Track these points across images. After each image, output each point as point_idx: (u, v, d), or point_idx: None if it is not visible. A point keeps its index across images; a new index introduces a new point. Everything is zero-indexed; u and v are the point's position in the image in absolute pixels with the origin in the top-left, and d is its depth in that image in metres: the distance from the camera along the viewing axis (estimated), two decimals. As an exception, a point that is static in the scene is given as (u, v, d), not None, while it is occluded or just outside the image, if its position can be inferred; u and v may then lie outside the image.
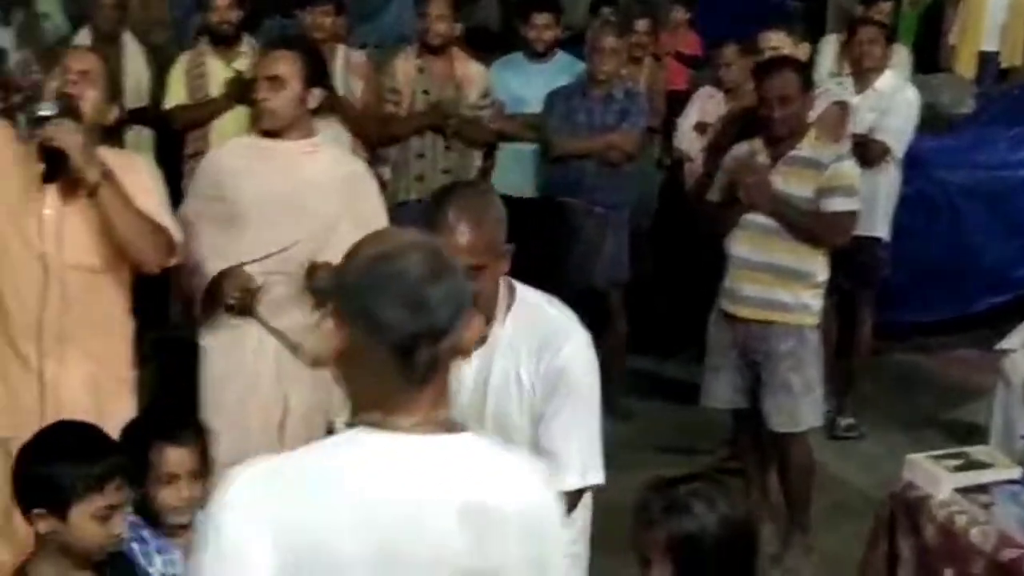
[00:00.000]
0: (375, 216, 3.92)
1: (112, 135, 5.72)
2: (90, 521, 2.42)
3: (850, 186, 4.51)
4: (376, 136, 5.82)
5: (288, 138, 3.93)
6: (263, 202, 3.87)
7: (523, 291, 2.81)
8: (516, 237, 6.05)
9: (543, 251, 5.88)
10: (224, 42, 5.70)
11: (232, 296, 3.85)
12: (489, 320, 2.71)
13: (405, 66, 5.94)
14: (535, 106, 6.01)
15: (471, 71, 5.99)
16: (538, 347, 2.74)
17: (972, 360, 6.16)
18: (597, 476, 2.84)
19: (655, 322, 6.25)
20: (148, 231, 3.40)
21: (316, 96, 4.00)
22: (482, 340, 2.68)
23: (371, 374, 1.75)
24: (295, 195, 3.87)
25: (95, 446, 2.54)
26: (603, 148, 5.77)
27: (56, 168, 3.28)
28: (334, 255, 3.70)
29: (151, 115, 5.89)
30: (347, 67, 5.75)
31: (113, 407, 3.43)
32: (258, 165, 3.93)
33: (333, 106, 5.19)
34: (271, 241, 3.86)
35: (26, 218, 3.39)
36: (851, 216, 4.57)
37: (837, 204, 4.45)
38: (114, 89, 5.78)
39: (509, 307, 2.76)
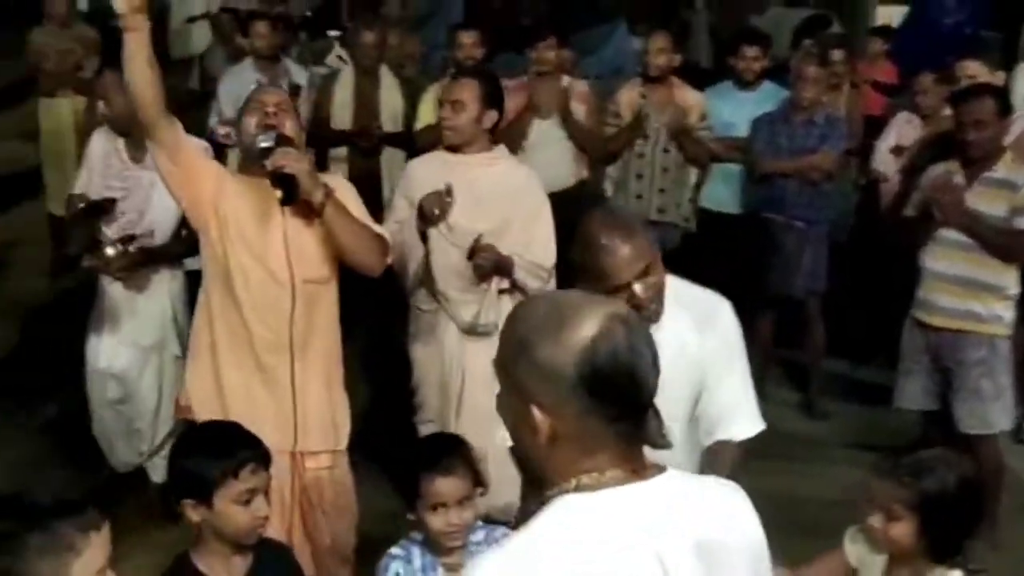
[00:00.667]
0: (535, 216, 4.16)
1: (369, 155, 5.97)
2: (232, 506, 2.43)
3: None
4: (597, 154, 5.91)
5: (468, 152, 4.10)
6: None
7: (670, 278, 2.84)
8: (723, 249, 6.06)
9: (747, 262, 5.86)
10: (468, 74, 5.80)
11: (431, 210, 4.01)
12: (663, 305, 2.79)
13: (629, 94, 5.99)
14: (743, 130, 5.94)
15: (689, 98, 5.97)
16: (698, 323, 2.82)
17: None
18: (762, 423, 2.99)
19: (851, 329, 6.07)
20: (368, 238, 3.45)
21: (491, 117, 4.12)
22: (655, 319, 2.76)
23: (584, 449, 1.59)
24: (472, 198, 4.02)
25: (230, 439, 2.54)
26: (805, 168, 5.65)
27: (290, 192, 3.24)
28: (505, 245, 3.98)
29: (403, 137, 6.06)
30: (572, 95, 5.81)
31: (338, 397, 3.61)
32: (443, 174, 4.09)
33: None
34: (459, 235, 4.04)
35: (265, 245, 3.38)
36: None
37: None
38: (372, 115, 6.05)
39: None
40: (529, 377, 1.58)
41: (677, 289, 2.85)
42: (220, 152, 5.03)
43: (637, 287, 2.62)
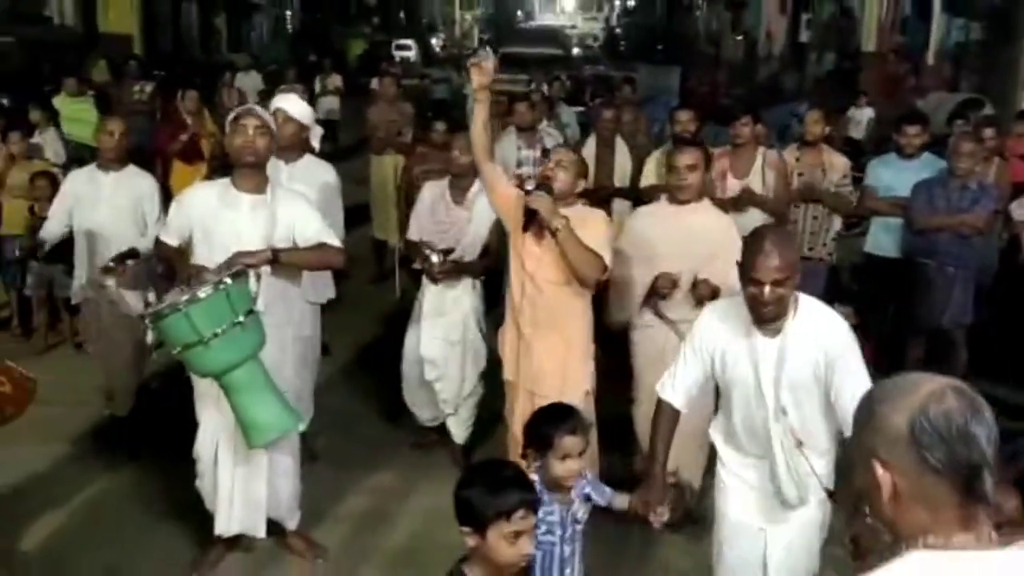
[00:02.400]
0: (734, 251, 3.89)
1: (602, 203, 5.95)
2: (502, 541, 2.19)
3: None
4: (781, 207, 5.64)
5: (687, 203, 4.06)
6: (665, 244, 4.03)
7: (800, 295, 2.84)
8: (884, 287, 5.70)
9: (903, 298, 5.50)
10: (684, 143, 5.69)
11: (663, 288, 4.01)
12: (785, 315, 2.78)
13: (789, 157, 5.76)
14: (902, 192, 5.54)
15: (835, 160, 5.74)
16: (826, 332, 2.80)
17: None
18: None
19: (991, 354, 5.56)
20: (588, 259, 3.62)
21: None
22: (777, 330, 2.78)
23: (927, 508, 1.41)
24: (684, 240, 3.98)
25: (509, 483, 2.27)
26: (958, 224, 5.23)
27: (530, 220, 3.59)
28: (711, 274, 3.90)
29: (631, 192, 5.99)
30: (764, 162, 5.60)
31: (574, 368, 3.82)
32: (662, 220, 4.11)
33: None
34: (672, 269, 4.00)
35: (521, 250, 3.74)
36: None
37: None
38: (607, 174, 6.02)
39: (796, 307, 2.80)
40: (873, 437, 1.46)
41: (811, 306, 2.85)
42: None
43: (767, 288, 2.68)
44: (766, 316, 2.77)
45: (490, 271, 4.69)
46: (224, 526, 3.74)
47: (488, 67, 3.63)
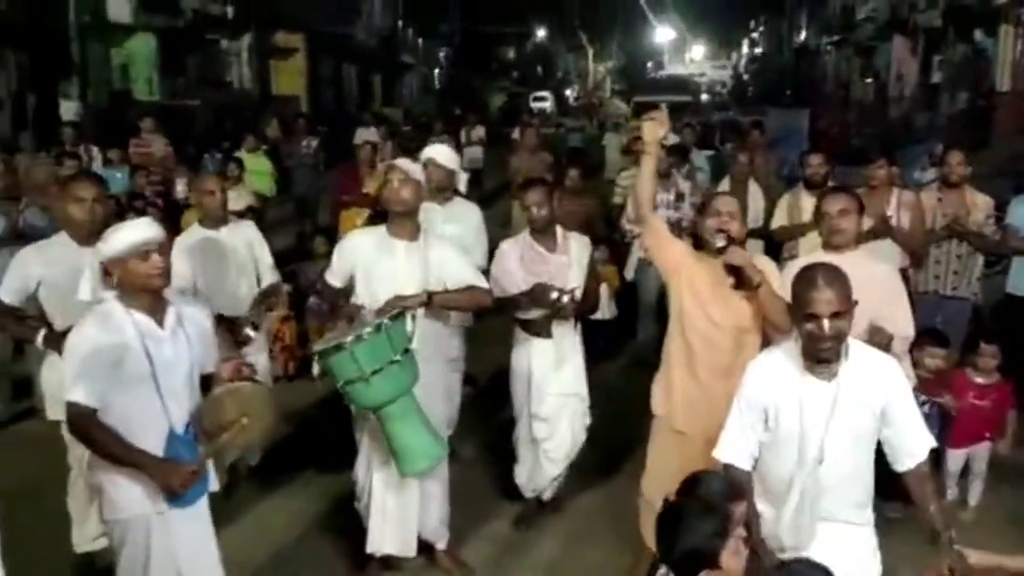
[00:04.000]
0: (897, 297, 3.71)
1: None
2: (733, 558, 2.13)
3: None
4: (916, 248, 5.39)
5: (844, 251, 3.61)
6: None
7: (851, 340, 2.73)
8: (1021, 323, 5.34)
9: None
10: (815, 187, 5.53)
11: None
12: (840, 356, 2.66)
13: (928, 197, 5.49)
14: (1046, 231, 5.21)
15: (978, 200, 5.41)
16: (878, 373, 2.70)
17: None
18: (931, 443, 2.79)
19: None
20: (783, 308, 3.22)
21: (866, 222, 3.94)
22: (832, 374, 2.66)
23: None
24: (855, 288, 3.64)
25: (702, 509, 2.17)
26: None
27: (739, 279, 3.37)
28: (881, 322, 3.59)
29: (763, 233, 5.87)
30: (899, 203, 5.38)
31: None
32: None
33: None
34: None
35: (713, 304, 3.45)
36: None
37: None
38: (743, 215, 5.91)
39: (847, 351, 2.69)
40: None
41: (859, 345, 2.76)
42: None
43: (825, 322, 2.56)
44: (824, 354, 2.62)
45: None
46: (376, 545, 3.84)
47: (665, 120, 3.53)
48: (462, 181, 4.85)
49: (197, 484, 2.95)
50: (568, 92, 42.24)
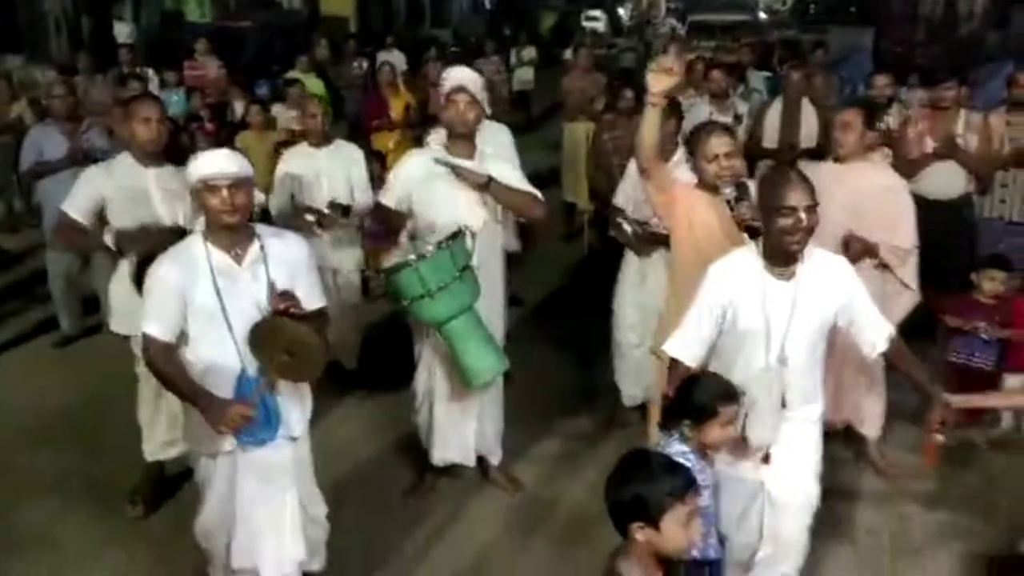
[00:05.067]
0: (899, 210, 3.92)
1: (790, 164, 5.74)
2: (677, 527, 2.05)
3: None
4: (984, 172, 5.24)
5: (851, 163, 3.91)
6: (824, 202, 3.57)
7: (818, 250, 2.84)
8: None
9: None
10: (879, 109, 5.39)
11: None
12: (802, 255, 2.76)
13: (997, 120, 5.31)
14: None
15: None
16: (833, 275, 2.82)
17: None
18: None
19: None
20: None
21: (870, 136, 4.01)
22: (792, 274, 2.76)
23: None
24: (844, 197, 3.76)
25: (669, 465, 2.15)
26: None
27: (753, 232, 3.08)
28: (874, 232, 3.75)
29: (817, 152, 5.74)
30: (967, 125, 5.21)
31: None
32: (828, 181, 3.55)
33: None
34: (830, 227, 3.57)
35: (729, 240, 3.24)
36: None
37: None
38: (794, 135, 5.81)
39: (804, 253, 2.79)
40: None
41: (818, 254, 2.83)
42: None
43: (802, 215, 2.64)
44: (795, 247, 2.71)
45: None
46: (440, 456, 3.99)
47: (677, 69, 3.28)
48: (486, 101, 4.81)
49: (262, 426, 2.89)
50: (621, 11, 41.08)
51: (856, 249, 3.79)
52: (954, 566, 3.64)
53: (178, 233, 3.35)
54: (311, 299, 2.97)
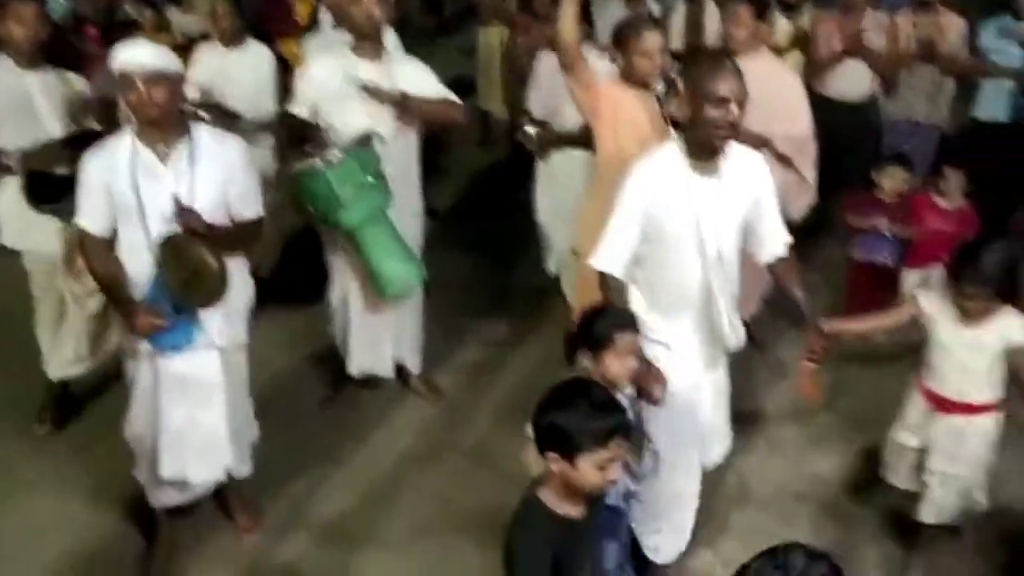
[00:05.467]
0: (794, 97, 4.01)
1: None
2: (593, 469, 1.92)
3: None
4: (889, 73, 5.33)
5: (743, 56, 3.65)
6: None
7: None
8: (992, 151, 5.45)
9: (1011, 163, 5.20)
10: (789, 8, 5.41)
11: None
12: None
13: (904, 21, 5.30)
14: (1014, 56, 5.16)
15: (951, 22, 5.28)
16: (755, 172, 2.76)
17: None
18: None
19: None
20: None
21: (762, 30, 4.11)
22: (715, 169, 2.66)
23: None
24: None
25: (606, 404, 1.99)
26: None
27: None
28: (765, 121, 3.63)
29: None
30: (873, 26, 5.26)
31: None
32: None
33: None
34: None
35: (654, 138, 3.18)
36: None
37: None
38: (699, 35, 5.77)
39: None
40: None
41: (735, 148, 2.73)
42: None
43: (732, 107, 2.53)
44: (722, 141, 2.59)
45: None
46: (356, 366, 3.97)
47: None
48: None
49: (176, 332, 2.85)
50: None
51: (750, 143, 3.74)
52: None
53: (71, 142, 3.20)
54: (244, 206, 2.91)
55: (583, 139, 4.22)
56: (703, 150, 2.63)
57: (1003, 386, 3.04)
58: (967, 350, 2.97)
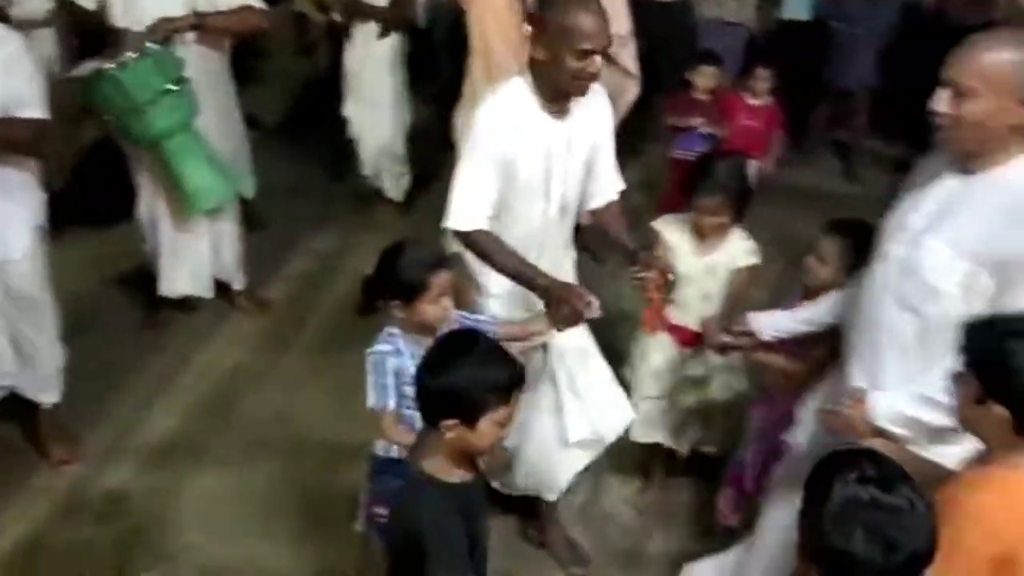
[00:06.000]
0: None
1: None
2: (493, 428, 1.74)
3: None
4: None
5: None
6: None
7: None
8: (791, 49, 5.71)
9: (813, 60, 5.50)
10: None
11: None
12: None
13: None
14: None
15: None
16: (597, 109, 2.47)
17: None
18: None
19: (890, 115, 5.62)
20: None
21: None
22: (567, 111, 2.38)
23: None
24: None
25: (499, 353, 1.78)
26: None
27: None
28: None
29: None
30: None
31: None
32: None
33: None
34: None
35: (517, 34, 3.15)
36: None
37: None
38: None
39: None
40: None
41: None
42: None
43: (598, 58, 2.25)
44: (579, 93, 2.33)
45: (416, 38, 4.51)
46: (168, 287, 3.78)
47: None
48: None
49: None
50: None
51: None
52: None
53: None
54: (20, 105, 2.65)
55: (388, 15, 4.26)
56: (557, 94, 2.35)
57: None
58: (705, 275, 2.89)
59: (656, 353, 2.97)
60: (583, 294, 2.27)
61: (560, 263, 2.59)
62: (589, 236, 2.98)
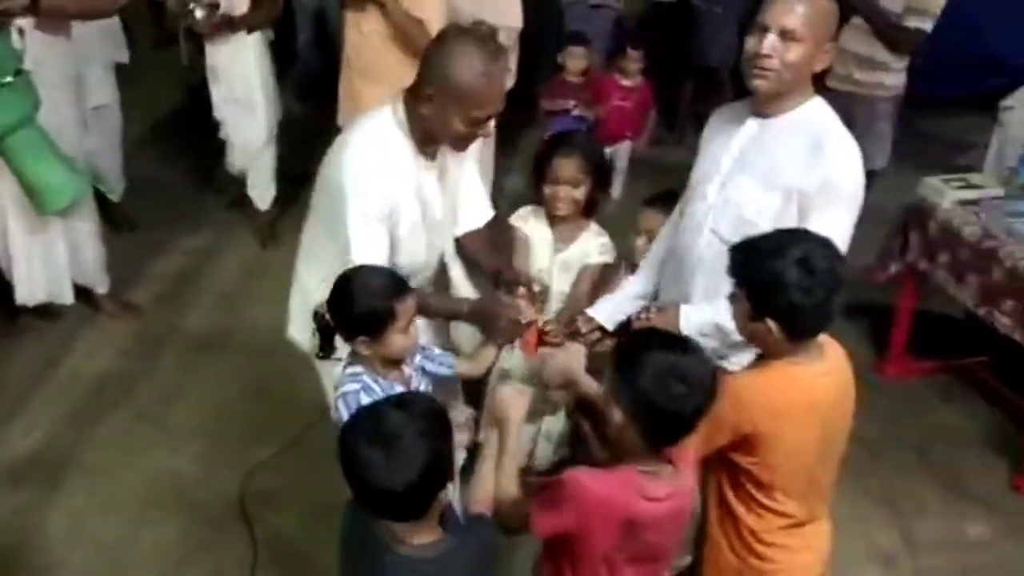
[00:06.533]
0: None
1: None
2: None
3: None
4: None
5: None
6: None
7: None
8: (658, 29, 5.85)
9: (677, 39, 5.65)
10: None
11: None
12: None
13: None
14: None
15: None
16: None
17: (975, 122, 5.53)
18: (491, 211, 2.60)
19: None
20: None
21: None
22: (434, 153, 2.24)
23: None
24: None
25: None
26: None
27: None
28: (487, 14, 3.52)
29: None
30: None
31: None
32: None
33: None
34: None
35: None
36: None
37: None
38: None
39: None
40: None
41: None
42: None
43: (491, 122, 2.11)
44: (461, 150, 2.23)
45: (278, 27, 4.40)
46: (26, 295, 3.57)
47: None
48: None
49: None
50: None
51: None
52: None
53: None
54: None
55: (252, 19, 4.09)
56: (433, 142, 2.18)
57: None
58: (561, 272, 2.74)
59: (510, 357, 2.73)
60: (506, 303, 2.23)
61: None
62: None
